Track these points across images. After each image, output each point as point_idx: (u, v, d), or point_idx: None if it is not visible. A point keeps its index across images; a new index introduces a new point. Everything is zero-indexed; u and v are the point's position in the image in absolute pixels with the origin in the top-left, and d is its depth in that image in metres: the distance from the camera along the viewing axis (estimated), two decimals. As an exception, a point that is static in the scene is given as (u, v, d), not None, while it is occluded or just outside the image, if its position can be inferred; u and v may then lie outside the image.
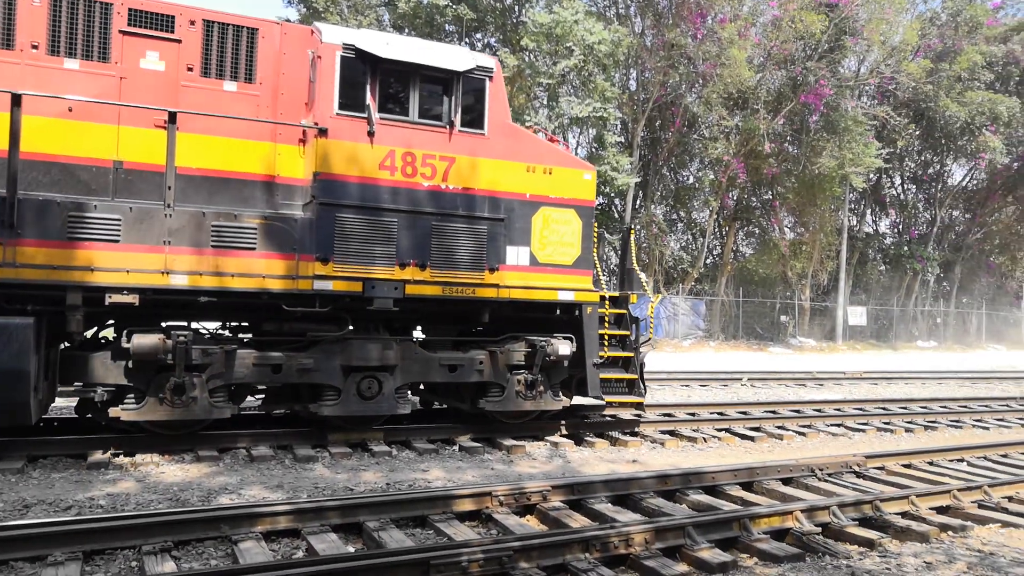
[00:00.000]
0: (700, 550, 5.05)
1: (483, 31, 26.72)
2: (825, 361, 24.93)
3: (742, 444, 9.50)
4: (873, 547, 5.42)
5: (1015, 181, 35.69)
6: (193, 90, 7.41)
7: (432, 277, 7.99)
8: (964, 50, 30.36)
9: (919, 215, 38.44)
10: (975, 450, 8.87)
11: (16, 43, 6.85)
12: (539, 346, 8.53)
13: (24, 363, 6.46)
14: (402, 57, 7.76)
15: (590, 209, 8.89)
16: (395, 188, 7.83)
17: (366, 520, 5.40)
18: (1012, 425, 11.82)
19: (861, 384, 17.62)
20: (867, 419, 11.35)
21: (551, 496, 6.06)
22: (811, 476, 7.20)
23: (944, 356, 31.09)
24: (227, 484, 6.56)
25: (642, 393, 9.28)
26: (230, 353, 7.45)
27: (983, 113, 30.37)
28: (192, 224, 7.09)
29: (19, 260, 6.52)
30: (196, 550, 4.97)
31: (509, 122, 8.58)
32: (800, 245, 32.85)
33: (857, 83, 29.54)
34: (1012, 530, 5.94)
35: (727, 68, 24.69)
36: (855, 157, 27.45)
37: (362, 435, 8.29)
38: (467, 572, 4.49)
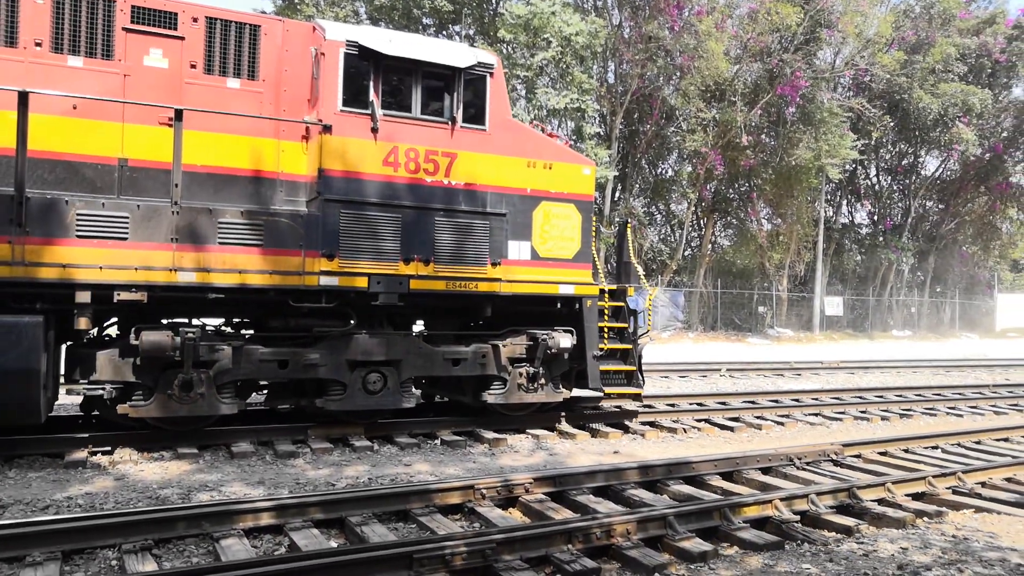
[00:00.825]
0: (682, 540, 5.10)
1: (460, 23, 26.61)
2: (803, 351, 25.19)
3: (722, 434, 9.59)
4: (851, 533, 5.50)
5: (987, 172, 36.20)
6: (197, 87, 7.42)
7: (436, 272, 8.08)
8: (937, 42, 30.72)
9: (894, 206, 38.90)
10: (949, 437, 9.01)
11: (20, 41, 6.83)
12: (541, 339, 8.63)
13: (34, 361, 6.47)
14: (405, 54, 7.81)
15: (589, 203, 9.01)
16: (399, 184, 7.89)
17: (348, 515, 5.40)
18: (985, 412, 12.03)
19: (838, 373, 17.83)
20: (844, 408, 11.49)
21: (534, 488, 6.08)
22: (790, 465, 7.29)
23: (919, 345, 31.53)
24: (207, 481, 6.52)
25: (640, 384, 9.44)
26: (237, 349, 7.51)
27: (956, 105, 30.76)
28: (199, 221, 7.12)
29: (28, 258, 6.53)
30: (177, 548, 4.94)
31: (510, 118, 8.67)
32: (777, 236, 33.13)
33: (832, 75, 29.79)
34: (985, 515, 6.06)
35: (704, 60, 24.81)
36: (831, 148, 27.70)
37: (344, 430, 8.27)
38: (450, 565, 4.50)
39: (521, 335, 8.83)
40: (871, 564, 4.84)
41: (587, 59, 24.01)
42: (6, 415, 6.57)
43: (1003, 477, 7.20)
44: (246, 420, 8.28)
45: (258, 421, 8.52)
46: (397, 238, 7.87)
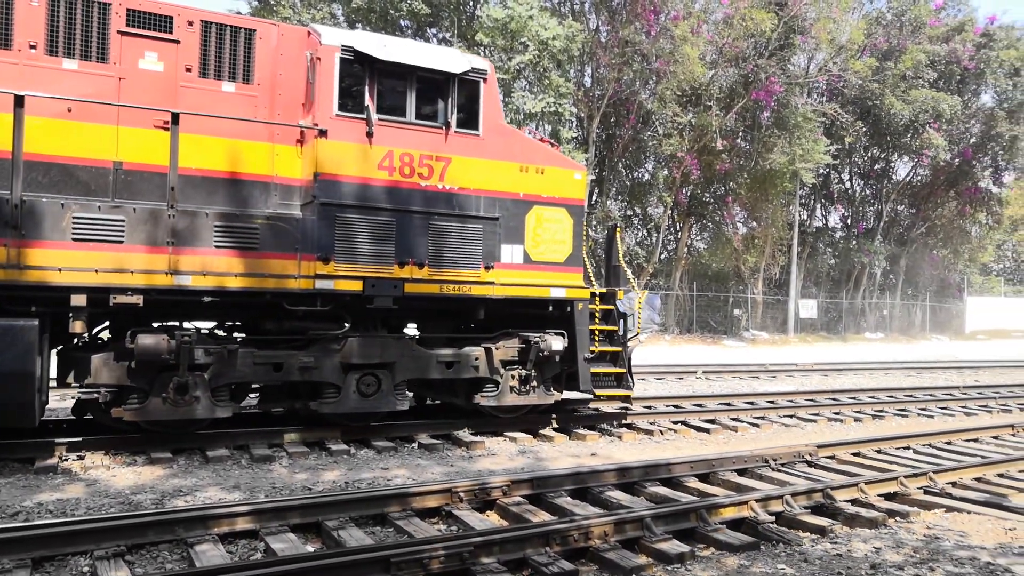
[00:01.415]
0: (658, 542, 5.12)
1: (438, 26, 26.59)
2: (777, 353, 25.44)
3: (698, 436, 9.65)
4: (825, 534, 5.56)
5: (956, 177, 36.82)
6: (192, 91, 7.44)
7: (430, 275, 8.14)
8: (908, 49, 31.21)
9: (866, 210, 39.42)
10: (920, 438, 9.15)
11: (14, 43, 6.80)
12: (533, 342, 8.72)
13: (30, 364, 6.45)
14: (399, 59, 7.86)
15: (580, 208, 9.15)
16: (393, 188, 7.94)
17: (325, 519, 5.36)
18: (955, 413, 12.22)
19: (812, 375, 18.03)
20: (818, 410, 11.62)
21: (512, 491, 6.08)
22: (765, 466, 7.35)
23: (891, 347, 31.96)
24: (182, 486, 6.45)
25: (630, 386, 9.54)
26: (232, 352, 7.51)
27: (926, 111, 31.26)
28: (195, 224, 7.12)
29: (23, 262, 6.51)
30: (151, 554, 4.87)
31: (503, 123, 8.76)
32: (752, 239, 33.43)
33: (806, 80, 30.15)
34: (956, 514, 6.15)
35: (680, 65, 24.98)
36: (805, 153, 28.02)
37: (321, 434, 8.21)
38: (428, 568, 4.49)
39: (513, 338, 8.89)
40: (845, 564, 4.89)
41: (564, 63, 24.10)
42: (2, 418, 6.54)
43: (973, 477, 7.32)
44: (219, 424, 8.20)
45: (234, 425, 8.43)
46: (392, 242, 7.92)
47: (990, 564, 4.93)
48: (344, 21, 25.58)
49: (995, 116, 34.99)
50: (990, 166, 37.63)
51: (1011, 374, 20.31)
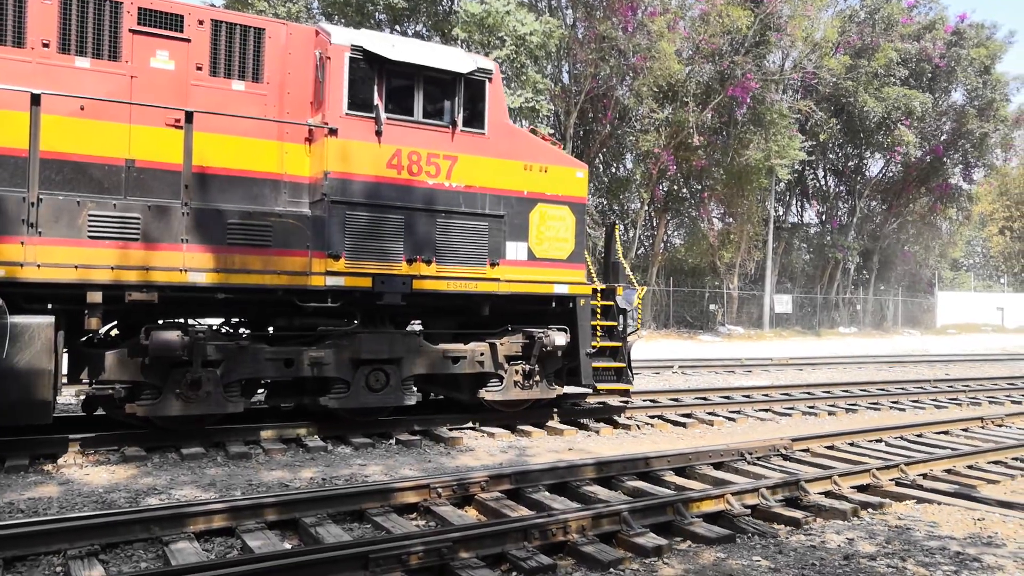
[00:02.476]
0: (636, 535, 5.16)
1: (414, 19, 26.45)
2: (753, 348, 25.68)
3: (674, 430, 9.72)
4: (799, 526, 5.63)
5: (927, 174, 37.35)
6: (203, 89, 7.51)
7: (437, 272, 8.28)
8: (881, 47, 31.55)
9: (840, 206, 39.86)
10: (892, 431, 9.28)
11: (27, 41, 6.84)
12: (537, 337, 8.89)
13: (46, 361, 6.50)
14: (407, 59, 7.98)
15: (582, 206, 9.34)
16: (402, 186, 8.07)
17: (303, 516, 5.34)
18: (926, 406, 12.42)
19: (787, 370, 18.23)
20: (793, 404, 11.75)
21: (490, 487, 6.09)
22: (741, 460, 7.43)
23: (864, 341, 32.39)
24: (156, 485, 6.39)
25: (630, 381, 9.72)
26: (244, 348, 7.61)
27: (899, 108, 31.65)
28: (208, 222, 7.21)
29: (40, 259, 6.57)
30: (125, 553, 4.82)
31: (507, 122, 8.92)
32: (728, 235, 33.67)
33: (782, 77, 30.40)
34: (926, 506, 6.26)
35: (657, 61, 25.06)
36: (780, 149, 28.26)
37: (297, 430, 8.14)
38: (406, 564, 4.48)
39: (517, 333, 9.07)
40: (819, 555, 4.96)
41: (541, 59, 24.09)
42: (18, 414, 6.59)
43: (943, 469, 7.45)
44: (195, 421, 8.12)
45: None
46: (400, 239, 8.05)
47: (960, 554, 5.02)
48: (320, 14, 25.37)
49: (965, 113, 35.54)
50: (960, 163, 38.22)
51: (981, 367, 20.68)
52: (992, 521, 5.79)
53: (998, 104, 35.69)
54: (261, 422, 8.38)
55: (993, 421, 10.32)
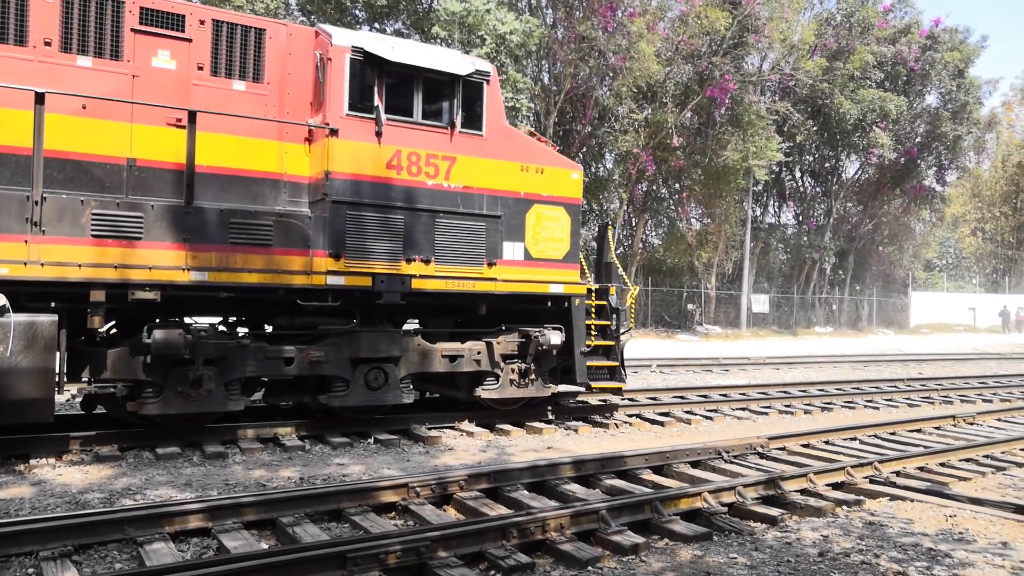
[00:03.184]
0: (614, 533, 5.18)
1: (394, 17, 26.35)
2: (730, 347, 25.87)
3: (652, 429, 9.77)
4: (775, 523, 5.68)
5: (902, 175, 37.88)
6: (204, 89, 7.53)
7: (436, 272, 8.36)
8: (857, 50, 31.95)
9: (817, 207, 40.29)
10: (867, 429, 9.39)
11: (29, 39, 6.82)
12: (533, 336, 9.00)
13: (50, 360, 6.49)
14: (407, 60, 8.05)
15: (577, 207, 9.45)
16: (401, 186, 8.14)
17: (280, 516, 5.30)
18: (899, 405, 12.58)
19: (764, 369, 18.38)
20: (769, 402, 11.85)
21: (468, 485, 6.09)
22: (718, 458, 7.48)
23: (839, 341, 32.75)
24: (131, 485, 6.31)
25: (623, 379, 9.84)
26: (244, 347, 7.66)
27: (874, 110, 32.07)
28: (211, 221, 7.25)
29: (44, 258, 6.58)
30: (99, 554, 4.76)
31: (505, 123, 8.99)
32: (706, 235, 33.92)
33: (759, 79, 30.65)
34: (900, 502, 6.34)
35: (636, 61, 25.18)
36: (758, 150, 28.51)
37: (274, 430, 8.10)
38: (384, 564, 4.47)
39: (514, 332, 9.17)
40: (794, 552, 5.01)
41: (521, 58, 24.10)
42: (21, 413, 6.57)
43: (916, 466, 7.55)
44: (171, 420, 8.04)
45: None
46: (400, 239, 8.13)
47: (932, 550, 5.09)
48: (298, 11, 25.20)
49: (939, 116, 36.09)
50: (934, 165, 38.82)
51: (953, 367, 20.98)
52: (963, 517, 5.88)
53: (971, 107, 36.29)
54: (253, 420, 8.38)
55: (965, 419, 10.48)
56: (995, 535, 5.49)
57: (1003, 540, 5.37)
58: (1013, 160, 53.25)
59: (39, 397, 6.50)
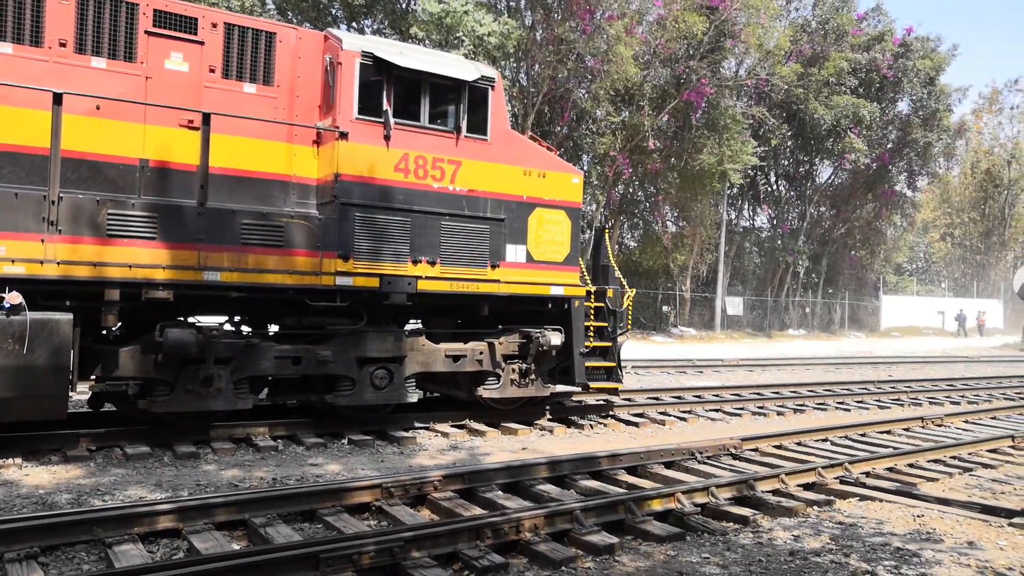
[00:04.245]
0: (588, 534, 5.19)
1: (371, 17, 26.25)
2: (705, 349, 26.06)
3: (627, 430, 9.82)
4: (747, 523, 5.73)
5: (874, 180, 38.43)
6: (215, 91, 7.63)
7: (441, 273, 8.50)
8: (831, 56, 32.37)
9: (791, 211, 40.73)
10: (838, 430, 9.50)
11: (45, 40, 6.89)
12: (534, 337, 9.17)
13: (65, 358, 6.57)
14: (416, 66, 8.19)
15: (577, 210, 9.65)
16: (409, 189, 8.27)
17: (252, 517, 5.25)
18: (870, 407, 12.75)
19: (738, 371, 18.54)
20: (743, 404, 11.96)
21: (443, 486, 6.07)
22: (692, 459, 7.53)
23: (812, 343, 33.12)
24: (100, 485, 6.22)
25: (620, 379, 10.07)
26: (254, 346, 7.77)
27: (848, 116, 32.50)
28: (223, 222, 7.34)
29: (60, 257, 6.64)
30: (66, 555, 4.69)
31: (508, 128, 9.17)
32: (682, 238, 34.14)
33: (736, 84, 30.92)
34: (869, 503, 6.43)
35: (614, 64, 25.28)
36: (734, 154, 28.76)
37: (248, 430, 8.04)
38: (357, 564, 4.45)
39: (515, 333, 9.33)
40: (766, 551, 5.06)
41: (499, 59, 24.11)
42: (36, 410, 6.70)
43: (885, 467, 7.65)
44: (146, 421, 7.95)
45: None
46: (406, 241, 8.25)
47: (901, 549, 5.17)
48: (275, 10, 25.00)
49: (911, 123, 36.68)
50: (905, 171, 39.42)
51: (922, 369, 21.31)
52: (931, 517, 5.97)
53: (941, 114, 36.92)
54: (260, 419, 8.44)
55: (933, 421, 10.64)
56: (962, 535, 5.58)
57: (969, 539, 5.46)
58: (981, 167, 54.28)
59: (53, 395, 6.58)
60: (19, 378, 6.37)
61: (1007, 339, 40.42)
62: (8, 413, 6.60)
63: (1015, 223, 55.40)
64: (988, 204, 54.89)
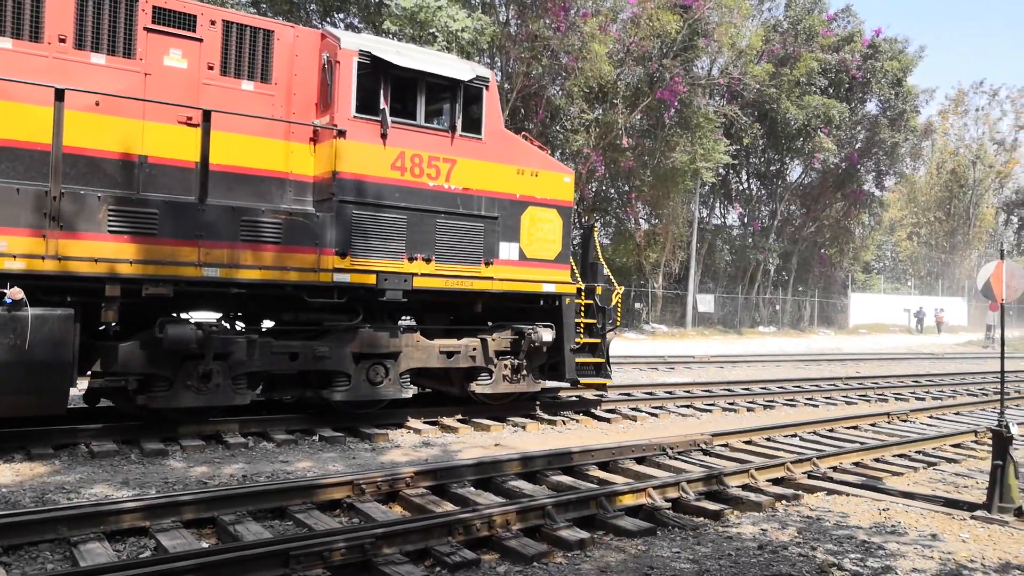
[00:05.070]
0: (559, 529, 5.21)
1: (345, 11, 26.03)
2: (676, 346, 26.25)
3: (599, 426, 9.86)
4: (718, 518, 5.80)
5: (843, 180, 38.96)
6: (213, 88, 7.68)
7: (436, 270, 8.61)
8: (802, 57, 32.72)
9: (762, 209, 41.13)
10: (806, 426, 9.64)
11: (44, 35, 6.89)
12: (526, 333, 9.32)
13: (66, 353, 6.63)
14: (412, 65, 8.30)
15: (569, 209, 9.86)
16: (405, 187, 8.38)
17: (221, 514, 5.20)
18: (838, 403, 12.94)
19: (709, 367, 18.71)
20: (714, 400, 12.07)
21: (415, 482, 6.06)
22: (663, 455, 7.59)
23: (782, 341, 33.52)
24: (65, 483, 6.12)
25: (608, 375, 10.25)
26: (252, 342, 7.81)
27: (818, 116, 32.88)
28: (223, 218, 7.37)
29: (61, 253, 6.65)
30: (30, 554, 4.60)
31: (502, 127, 9.31)
32: (654, 236, 34.33)
33: (708, 82, 31.15)
34: (836, 497, 6.52)
35: (588, 62, 25.34)
36: (706, 153, 28.96)
37: (219, 427, 7.95)
38: (328, 561, 4.42)
39: (507, 330, 9.46)
40: (735, 545, 5.12)
41: (473, 55, 24.05)
42: (36, 405, 6.77)
43: (852, 462, 7.78)
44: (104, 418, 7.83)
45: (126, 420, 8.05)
46: (402, 238, 8.36)
47: (866, 542, 5.26)
48: (249, 4, 24.68)
49: (879, 123, 37.22)
50: (873, 170, 40.02)
51: (888, 366, 21.67)
52: (896, 511, 6.08)
53: (909, 115, 37.50)
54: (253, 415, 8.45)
55: (899, 416, 10.83)
56: (925, 527, 5.69)
57: (932, 532, 5.57)
58: (947, 167, 55.28)
59: (54, 390, 6.64)
60: (20, 373, 6.38)
61: (971, 336, 41.22)
62: (8, 408, 6.61)
63: (979, 222, 56.55)
64: (953, 204, 55.95)
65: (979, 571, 4.77)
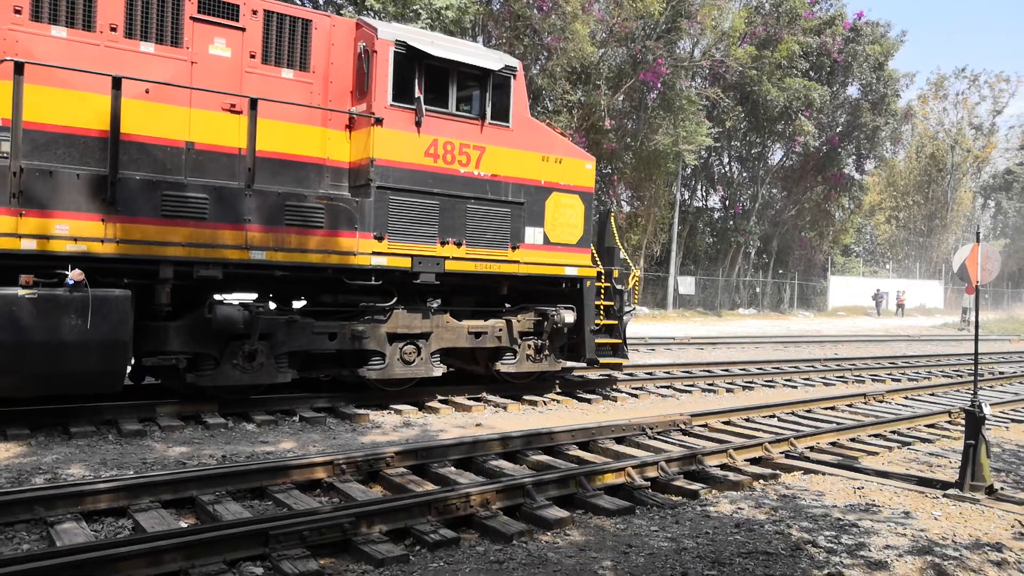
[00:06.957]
0: (539, 508, 5.24)
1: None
2: (657, 328, 26.39)
3: (580, 406, 9.91)
4: (696, 497, 5.85)
5: (824, 163, 39.19)
6: (255, 76, 7.92)
7: (466, 254, 8.93)
8: (784, 39, 32.76)
9: (743, 192, 41.32)
10: (784, 407, 9.74)
11: (97, 25, 7.09)
12: (549, 315, 9.66)
13: (124, 333, 6.86)
14: (446, 55, 8.56)
15: (590, 195, 10.12)
16: (437, 174, 8.69)
17: (200, 494, 5.18)
18: (816, 384, 13.09)
19: (689, 349, 18.84)
20: (693, 381, 12.16)
21: (395, 462, 6.07)
22: (642, 435, 7.64)
23: (762, 323, 33.78)
24: (41, 463, 6.06)
25: (625, 355, 10.58)
26: (294, 322, 8.13)
27: (799, 99, 33.00)
28: (269, 203, 7.65)
29: (119, 236, 6.89)
30: (6, 535, 4.57)
31: (528, 115, 9.57)
32: (636, 218, 34.40)
33: (691, 64, 31.12)
34: (812, 476, 6.61)
35: (571, 42, 25.23)
36: (688, 135, 29.00)
37: (199, 407, 7.91)
38: (307, 541, 4.42)
39: (530, 311, 9.80)
40: (712, 524, 5.17)
41: (456, 34, 23.84)
42: (95, 384, 6.98)
43: (828, 442, 7.88)
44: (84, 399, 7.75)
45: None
46: (435, 223, 8.67)
47: (840, 520, 5.33)
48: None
49: (860, 107, 37.41)
50: (854, 154, 40.25)
51: (866, 348, 21.92)
52: (871, 489, 6.17)
53: (889, 99, 37.76)
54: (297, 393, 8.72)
55: (875, 397, 10.98)
56: (899, 505, 5.78)
57: (906, 510, 5.66)
58: (926, 151, 55.74)
59: (112, 369, 6.87)
60: (81, 352, 6.61)
61: (947, 319, 41.77)
62: (68, 386, 6.90)
63: (957, 206, 57.17)
64: (932, 188, 56.48)
65: (950, 548, 4.86)
